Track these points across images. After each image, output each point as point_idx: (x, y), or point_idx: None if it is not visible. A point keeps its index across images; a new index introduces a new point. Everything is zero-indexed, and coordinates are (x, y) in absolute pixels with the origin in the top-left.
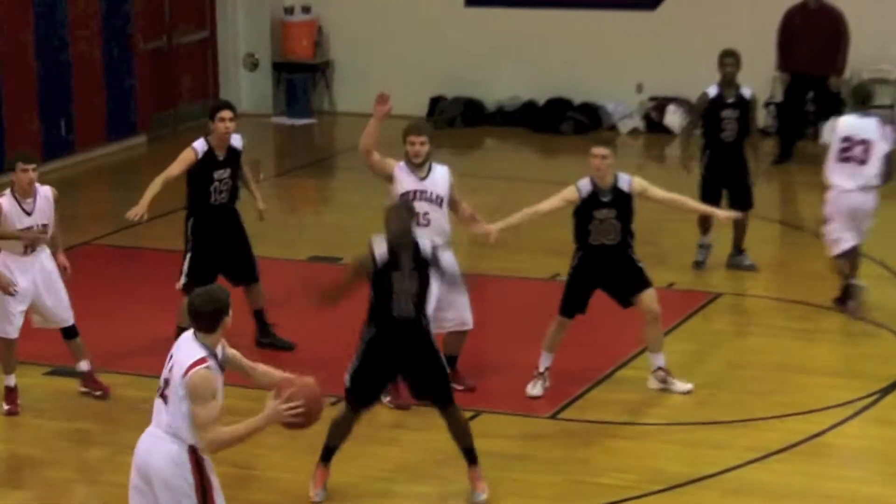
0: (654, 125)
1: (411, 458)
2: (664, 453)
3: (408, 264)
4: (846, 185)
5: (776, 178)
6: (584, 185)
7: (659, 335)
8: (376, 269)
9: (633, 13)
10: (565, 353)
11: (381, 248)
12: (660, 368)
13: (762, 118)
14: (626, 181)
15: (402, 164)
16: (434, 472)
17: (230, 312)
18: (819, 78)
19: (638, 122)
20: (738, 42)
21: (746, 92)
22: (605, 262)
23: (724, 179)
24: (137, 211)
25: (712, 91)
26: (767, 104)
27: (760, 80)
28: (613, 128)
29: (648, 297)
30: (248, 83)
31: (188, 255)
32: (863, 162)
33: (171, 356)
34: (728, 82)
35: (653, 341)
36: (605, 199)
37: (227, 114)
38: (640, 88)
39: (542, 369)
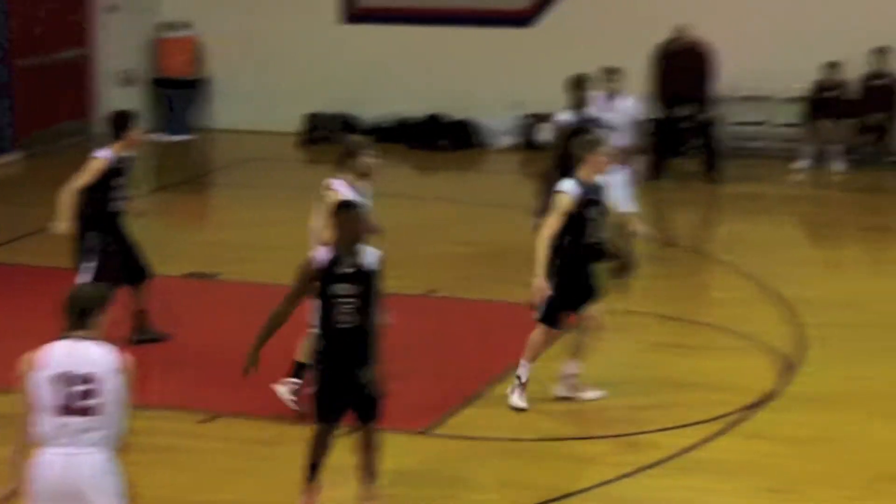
0: (529, 142)
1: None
2: (538, 468)
3: (351, 272)
4: None
5: (650, 195)
6: (574, 188)
7: (592, 344)
8: (321, 277)
9: (510, 30)
10: (439, 369)
11: (325, 256)
12: (573, 375)
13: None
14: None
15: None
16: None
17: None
18: (693, 99)
19: (514, 139)
20: (613, 59)
21: None
22: (585, 266)
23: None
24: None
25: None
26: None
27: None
28: (489, 144)
29: (598, 305)
30: (127, 100)
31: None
32: None
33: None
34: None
35: (582, 349)
36: (596, 197)
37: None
38: (515, 105)
39: (524, 380)
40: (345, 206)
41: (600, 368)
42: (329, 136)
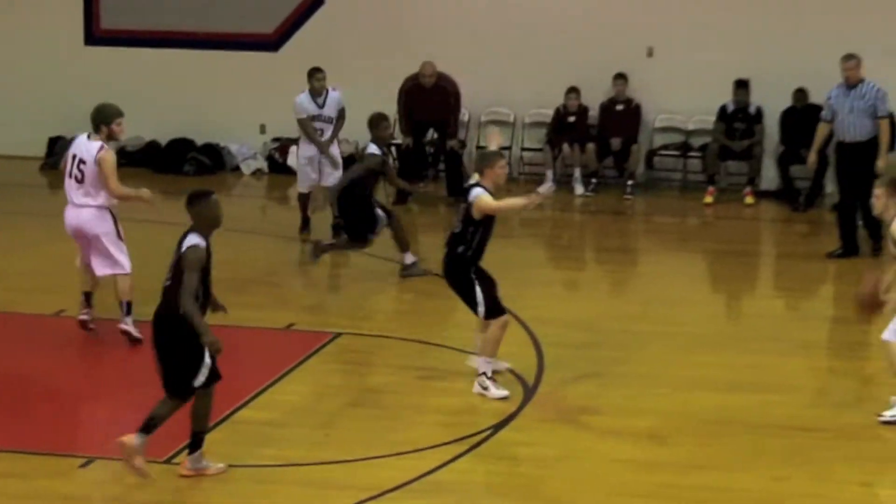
0: (276, 166)
1: None
2: (279, 494)
3: None
4: None
5: (407, 220)
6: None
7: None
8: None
9: (257, 54)
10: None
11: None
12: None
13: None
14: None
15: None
16: None
17: None
18: (439, 122)
19: (261, 163)
20: (361, 83)
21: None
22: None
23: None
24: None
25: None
26: (389, 145)
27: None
28: (237, 168)
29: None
30: None
31: None
32: None
33: None
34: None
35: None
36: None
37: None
38: (263, 129)
39: (491, 374)
40: (201, 195)
41: (348, 393)
42: None
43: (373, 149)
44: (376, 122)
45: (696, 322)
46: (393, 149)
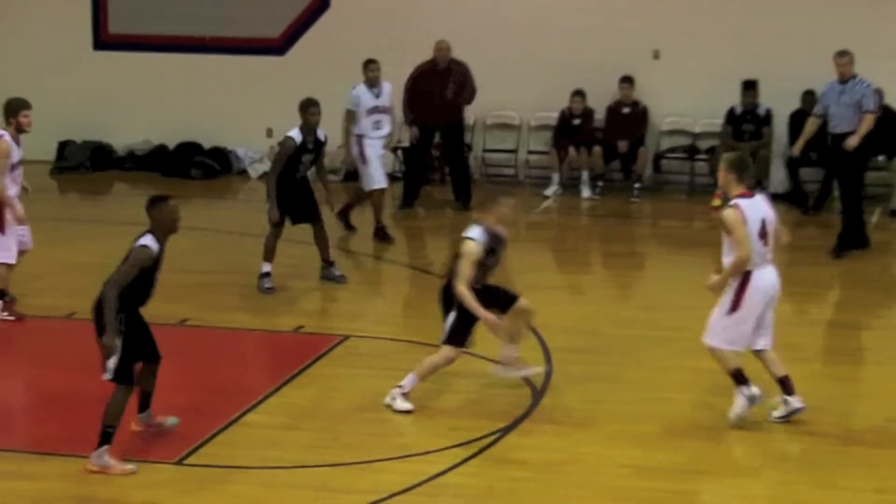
0: None
1: None
2: (286, 497)
3: None
4: None
5: (403, 223)
6: (480, 234)
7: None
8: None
9: (263, 58)
10: (192, 399)
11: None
12: (514, 357)
13: (392, 164)
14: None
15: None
16: None
17: None
18: (445, 125)
19: (268, 167)
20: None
21: (321, 134)
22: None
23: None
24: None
25: (298, 137)
26: (395, 149)
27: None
28: (244, 172)
29: (523, 300)
30: None
31: None
32: None
33: None
34: (311, 129)
35: (517, 332)
36: (496, 246)
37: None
38: (269, 133)
39: (407, 389)
40: (161, 199)
41: (355, 396)
42: (79, 166)
43: (292, 132)
44: (304, 107)
45: (702, 327)
46: (399, 152)
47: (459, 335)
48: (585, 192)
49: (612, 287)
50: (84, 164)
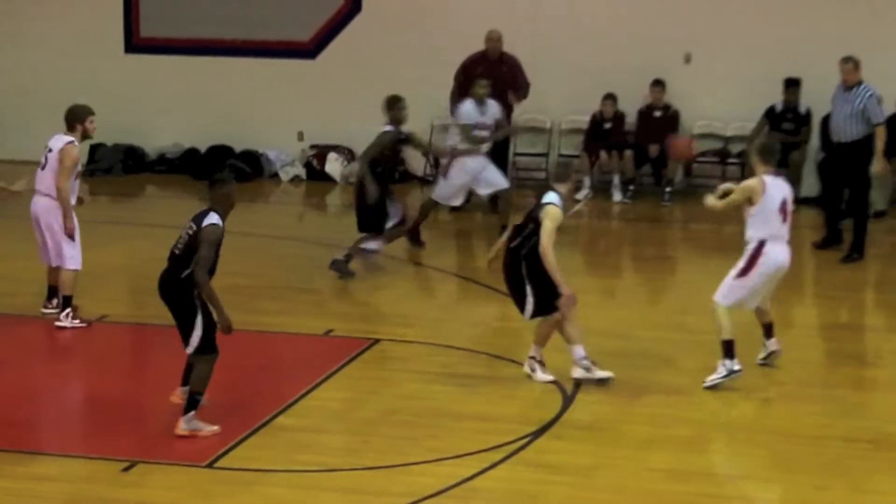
0: (314, 173)
1: None
2: (316, 500)
3: None
4: None
5: (431, 225)
6: (560, 200)
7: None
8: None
9: (294, 62)
10: (225, 402)
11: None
12: (584, 358)
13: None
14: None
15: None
16: None
17: None
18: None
19: (299, 170)
20: (397, 90)
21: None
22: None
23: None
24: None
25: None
26: (427, 153)
27: (424, 126)
28: (275, 175)
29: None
30: None
31: None
32: None
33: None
34: (400, 124)
35: (576, 330)
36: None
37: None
38: (301, 136)
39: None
40: (224, 180)
41: (387, 399)
42: (111, 168)
43: (387, 127)
44: (391, 104)
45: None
46: (431, 156)
47: (548, 304)
48: (617, 196)
49: (645, 291)
50: (115, 166)
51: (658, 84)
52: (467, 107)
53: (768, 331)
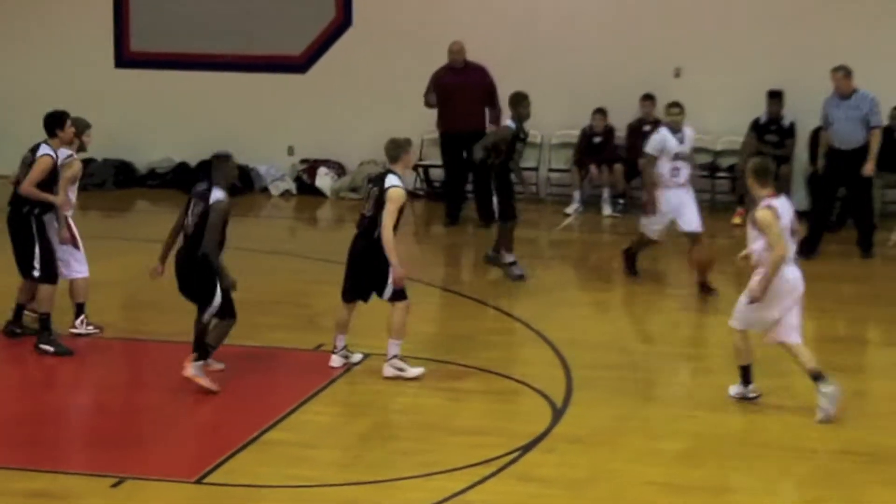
0: (305, 187)
1: None
2: None
3: None
4: None
5: (430, 241)
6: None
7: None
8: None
9: (285, 76)
10: (217, 416)
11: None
12: (395, 357)
13: (413, 182)
14: None
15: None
16: None
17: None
18: (470, 134)
19: (290, 185)
20: (388, 104)
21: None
22: None
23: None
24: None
25: (514, 126)
26: (416, 167)
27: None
28: (265, 190)
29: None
30: None
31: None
32: None
33: None
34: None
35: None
36: None
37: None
38: (291, 151)
39: (340, 347)
40: (226, 156)
41: (378, 413)
42: (102, 183)
43: (508, 122)
44: (517, 100)
45: (725, 344)
46: (421, 170)
47: (402, 291)
48: (607, 210)
49: (636, 304)
50: (106, 181)
51: (648, 98)
52: (665, 135)
53: (818, 377)
